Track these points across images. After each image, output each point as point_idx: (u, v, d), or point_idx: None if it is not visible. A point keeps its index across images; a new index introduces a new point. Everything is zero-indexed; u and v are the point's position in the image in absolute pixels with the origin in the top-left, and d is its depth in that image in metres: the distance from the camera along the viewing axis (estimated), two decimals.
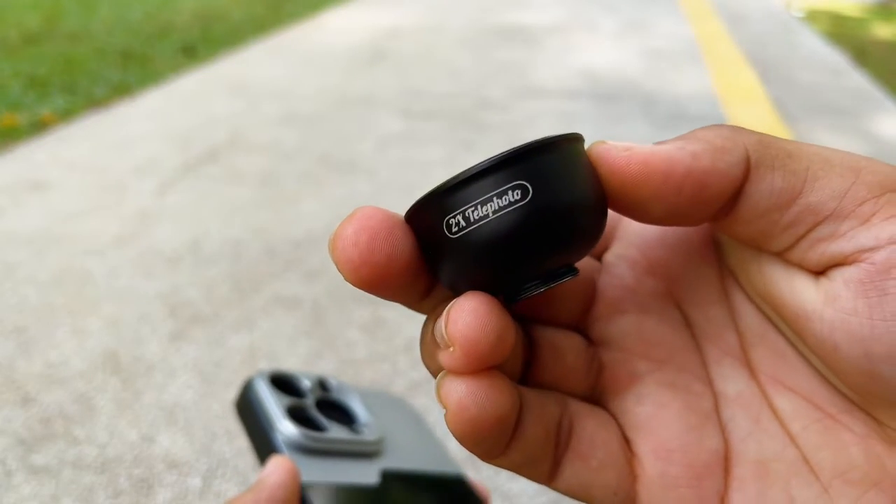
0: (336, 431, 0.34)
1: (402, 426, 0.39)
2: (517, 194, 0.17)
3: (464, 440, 0.18)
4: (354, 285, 0.18)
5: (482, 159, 0.18)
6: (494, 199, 0.17)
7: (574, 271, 0.19)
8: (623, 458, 0.20)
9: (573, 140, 0.18)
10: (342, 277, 0.18)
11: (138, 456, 0.99)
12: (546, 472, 0.20)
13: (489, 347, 0.17)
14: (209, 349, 1.19)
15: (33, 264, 1.43)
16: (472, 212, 0.17)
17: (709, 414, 0.20)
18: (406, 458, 0.36)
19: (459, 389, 0.18)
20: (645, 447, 0.20)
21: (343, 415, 0.37)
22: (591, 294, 0.22)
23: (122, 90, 2.57)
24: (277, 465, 0.30)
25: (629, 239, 0.22)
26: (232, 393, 1.09)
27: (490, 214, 0.17)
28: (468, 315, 0.17)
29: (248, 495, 0.29)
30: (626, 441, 0.20)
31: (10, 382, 1.12)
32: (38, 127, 2.20)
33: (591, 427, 0.20)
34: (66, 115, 2.32)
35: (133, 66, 2.89)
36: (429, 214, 0.18)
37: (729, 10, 4.11)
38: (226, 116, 2.29)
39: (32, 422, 1.04)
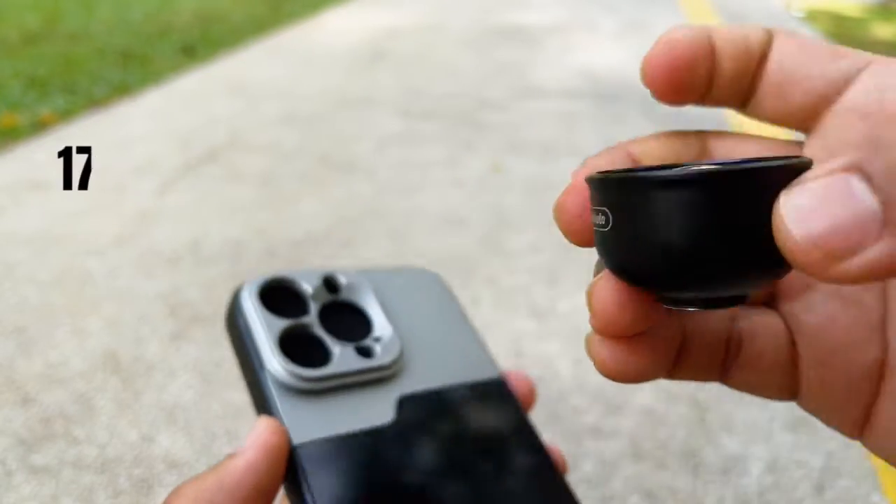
0: (342, 358, 0.27)
1: (428, 322, 0.32)
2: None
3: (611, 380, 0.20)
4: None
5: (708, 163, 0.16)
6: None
7: (743, 300, 0.17)
8: (790, 363, 0.21)
9: (795, 167, 0.15)
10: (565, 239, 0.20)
11: (138, 456, 0.99)
12: (714, 378, 0.22)
13: (623, 327, 0.18)
14: (209, 349, 1.19)
15: (33, 264, 1.43)
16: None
17: (875, 327, 0.20)
18: (431, 372, 0.30)
19: (602, 351, 0.19)
20: (809, 354, 0.21)
21: (355, 321, 0.30)
22: None
23: (122, 90, 2.57)
24: (254, 442, 0.25)
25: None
26: (232, 393, 1.09)
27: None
28: (605, 293, 0.18)
29: (211, 477, 0.24)
30: (793, 343, 0.21)
31: (10, 382, 1.12)
32: (38, 127, 2.20)
33: (761, 338, 0.21)
34: (66, 115, 2.32)
35: (133, 67, 2.89)
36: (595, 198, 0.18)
37: (729, 10, 4.11)
38: (226, 116, 2.29)
39: (32, 422, 1.04)
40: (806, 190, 0.14)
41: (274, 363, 0.26)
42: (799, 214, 0.14)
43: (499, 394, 0.30)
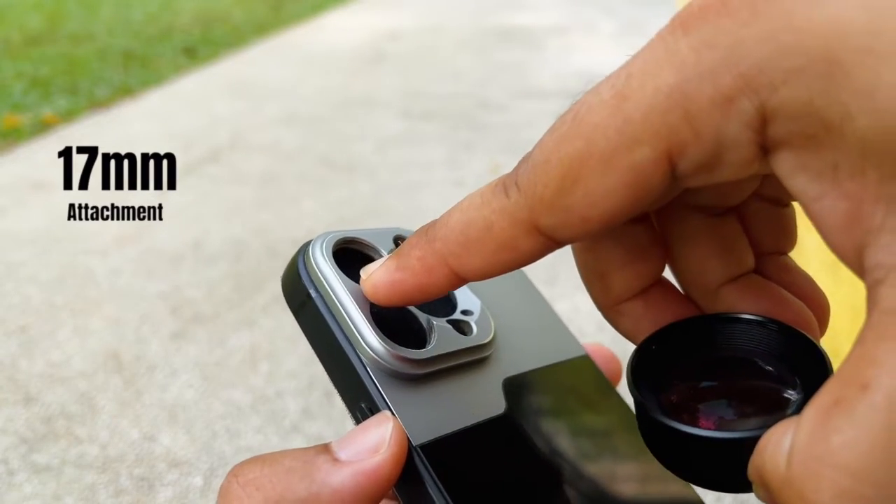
0: (443, 337, 0.22)
1: (501, 292, 0.27)
2: None
3: None
4: None
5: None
6: None
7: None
8: None
9: None
10: None
11: (139, 455, 1.00)
12: None
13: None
14: (210, 348, 1.20)
15: (35, 264, 1.44)
16: None
17: None
18: (523, 350, 0.25)
19: None
20: None
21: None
22: None
23: (123, 91, 2.58)
24: (379, 447, 0.19)
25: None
26: (233, 392, 1.10)
27: None
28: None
29: (301, 483, 0.18)
30: None
31: (13, 382, 1.12)
32: (40, 127, 2.21)
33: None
34: (68, 115, 2.32)
35: (134, 67, 2.90)
36: None
37: None
38: (227, 117, 2.29)
39: (34, 421, 1.05)
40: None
41: (376, 344, 0.20)
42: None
43: (587, 369, 0.27)
